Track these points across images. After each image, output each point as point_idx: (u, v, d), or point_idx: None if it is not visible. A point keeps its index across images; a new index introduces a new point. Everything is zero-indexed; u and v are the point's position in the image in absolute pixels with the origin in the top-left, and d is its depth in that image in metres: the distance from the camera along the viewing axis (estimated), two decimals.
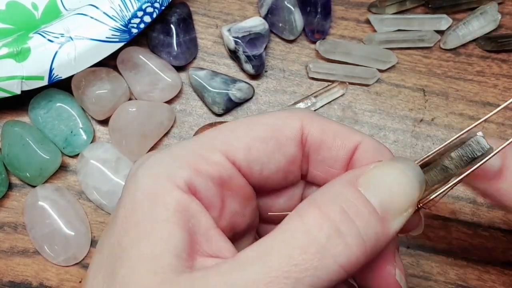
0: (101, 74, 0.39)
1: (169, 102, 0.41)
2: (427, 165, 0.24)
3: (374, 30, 0.43)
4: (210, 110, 0.41)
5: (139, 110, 0.39)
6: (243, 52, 0.40)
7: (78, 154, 0.40)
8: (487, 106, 0.42)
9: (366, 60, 0.41)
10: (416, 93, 0.42)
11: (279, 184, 0.26)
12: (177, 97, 0.41)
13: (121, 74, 0.40)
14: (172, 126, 0.41)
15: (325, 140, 0.25)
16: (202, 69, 0.41)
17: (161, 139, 0.40)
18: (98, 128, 0.41)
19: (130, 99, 0.41)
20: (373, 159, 0.24)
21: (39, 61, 0.37)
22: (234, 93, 0.40)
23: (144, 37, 0.41)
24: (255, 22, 0.41)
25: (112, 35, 0.38)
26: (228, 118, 0.41)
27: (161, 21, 0.41)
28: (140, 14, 0.38)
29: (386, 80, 0.42)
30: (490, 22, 0.42)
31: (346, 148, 0.25)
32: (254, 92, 0.41)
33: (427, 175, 0.24)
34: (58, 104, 0.39)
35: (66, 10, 0.41)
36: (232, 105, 0.41)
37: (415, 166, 0.23)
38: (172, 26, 0.41)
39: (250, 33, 0.40)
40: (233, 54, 0.41)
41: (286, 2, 0.41)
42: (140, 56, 0.40)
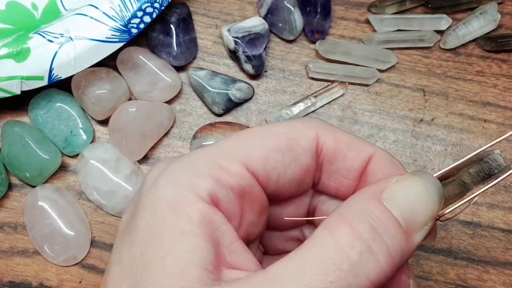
0: (101, 74, 0.39)
1: (169, 102, 0.41)
2: (445, 178, 0.25)
3: (374, 30, 0.43)
4: (210, 110, 0.41)
5: (139, 110, 0.39)
6: (243, 52, 0.40)
7: (78, 154, 0.40)
8: (487, 106, 0.42)
9: (366, 60, 0.41)
10: (416, 93, 0.42)
11: (292, 193, 0.26)
12: (177, 97, 0.41)
13: (121, 74, 0.40)
14: (172, 126, 0.41)
15: (339, 150, 0.26)
16: (202, 69, 0.41)
17: (161, 139, 0.40)
18: (98, 128, 0.41)
19: (130, 99, 0.41)
20: (386, 171, 0.25)
21: (39, 61, 0.37)
22: (234, 93, 0.40)
23: (144, 37, 0.41)
24: (255, 22, 0.41)
25: (112, 35, 0.38)
26: (228, 118, 0.41)
27: (161, 21, 0.41)
28: (139, 14, 0.38)
29: (386, 80, 0.42)
30: (490, 22, 0.42)
31: (360, 159, 0.26)
32: (254, 92, 0.41)
33: (445, 189, 0.25)
34: (58, 104, 0.39)
35: (66, 10, 0.41)
36: (232, 105, 0.41)
37: (436, 180, 0.24)
38: (172, 26, 0.41)
39: (250, 33, 0.40)
40: (233, 54, 0.41)
41: (286, 2, 0.41)
42: (140, 56, 0.40)
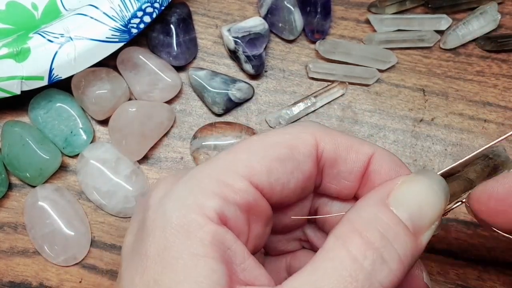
0: (101, 74, 0.39)
1: (169, 102, 0.41)
2: (449, 175, 0.25)
3: (374, 30, 0.43)
4: (210, 110, 0.41)
5: (139, 110, 0.39)
6: (243, 52, 0.40)
7: (78, 154, 0.40)
8: (487, 106, 0.42)
9: (366, 60, 0.41)
10: (416, 93, 0.42)
11: (295, 199, 0.26)
12: (177, 97, 0.41)
13: (121, 74, 0.40)
14: (172, 126, 0.41)
15: (339, 154, 0.26)
16: (202, 69, 0.41)
17: (161, 139, 0.40)
18: (98, 128, 0.41)
19: (130, 99, 0.41)
20: (388, 169, 0.25)
21: (39, 61, 0.37)
22: (234, 93, 0.40)
23: (144, 37, 0.41)
24: (255, 22, 0.41)
25: (112, 35, 0.38)
26: (228, 118, 0.41)
27: (161, 21, 0.41)
28: (140, 14, 0.38)
29: (386, 80, 0.42)
30: (490, 22, 0.42)
31: (360, 160, 0.26)
32: (254, 92, 0.41)
33: (451, 186, 0.25)
34: (58, 104, 0.39)
35: (66, 10, 0.41)
36: (232, 105, 0.41)
37: (441, 179, 0.24)
38: (172, 26, 0.41)
39: (250, 33, 0.40)
40: (233, 54, 0.41)
41: (286, 2, 0.41)
42: (140, 56, 0.40)
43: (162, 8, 0.39)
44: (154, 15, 0.39)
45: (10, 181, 0.39)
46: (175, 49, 0.41)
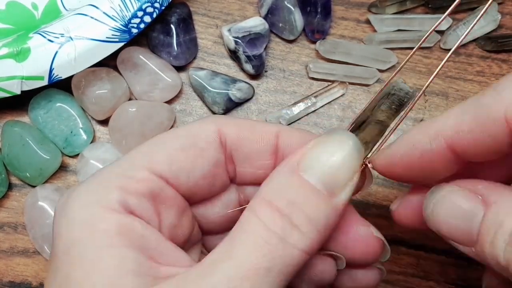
0: (101, 74, 0.39)
1: (169, 102, 0.41)
2: (361, 124, 0.25)
3: (374, 30, 0.43)
4: (210, 110, 0.41)
5: (139, 110, 0.39)
6: (243, 52, 0.40)
7: (78, 154, 0.40)
8: None
9: (366, 60, 0.41)
10: (416, 93, 0.42)
11: (209, 190, 0.26)
12: (177, 97, 0.41)
13: (121, 74, 0.40)
14: (172, 126, 0.41)
15: (243, 136, 0.26)
16: (202, 69, 0.41)
17: None
18: (98, 128, 0.41)
19: (130, 99, 0.41)
20: (299, 141, 0.25)
21: (39, 61, 0.37)
22: (234, 93, 0.40)
23: (144, 37, 0.41)
24: (255, 22, 0.41)
25: (112, 35, 0.38)
26: None
27: (161, 21, 0.41)
28: (140, 14, 0.38)
29: (386, 80, 0.42)
30: (490, 22, 0.42)
31: (266, 138, 0.26)
32: (254, 92, 0.41)
33: (364, 133, 0.25)
34: (58, 104, 0.39)
35: (66, 10, 0.41)
36: (232, 105, 0.41)
37: (348, 134, 0.24)
38: (172, 26, 0.41)
39: (250, 33, 0.40)
40: (233, 54, 0.41)
41: (286, 2, 0.41)
42: (140, 56, 0.40)
43: (163, 8, 0.39)
44: (155, 15, 0.39)
45: (10, 181, 0.39)
46: (175, 49, 0.41)
